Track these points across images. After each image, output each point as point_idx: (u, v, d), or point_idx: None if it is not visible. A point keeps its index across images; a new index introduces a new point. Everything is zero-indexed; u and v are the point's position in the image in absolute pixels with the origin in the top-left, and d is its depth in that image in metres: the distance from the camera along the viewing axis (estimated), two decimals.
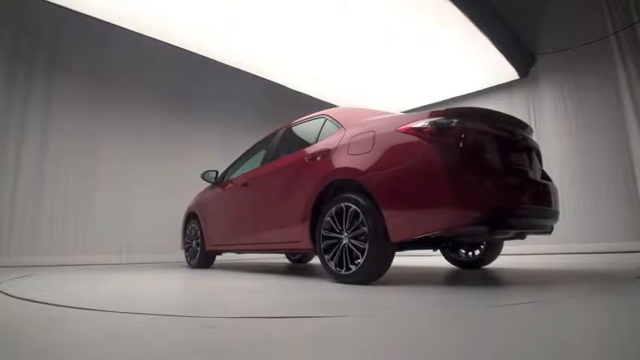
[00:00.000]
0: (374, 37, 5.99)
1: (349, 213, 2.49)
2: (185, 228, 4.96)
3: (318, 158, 2.88)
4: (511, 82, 7.11)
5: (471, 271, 3.34)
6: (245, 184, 3.81)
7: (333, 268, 2.57)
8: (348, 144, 2.71)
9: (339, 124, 2.97)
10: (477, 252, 3.47)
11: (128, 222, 5.69)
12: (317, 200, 2.77)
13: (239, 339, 1.12)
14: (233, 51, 6.48)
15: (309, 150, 3.05)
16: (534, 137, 2.95)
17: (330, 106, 6.65)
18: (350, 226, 2.48)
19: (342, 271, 2.50)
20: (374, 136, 2.55)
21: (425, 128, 2.29)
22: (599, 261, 4.14)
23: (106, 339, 1.16)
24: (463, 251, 3.58)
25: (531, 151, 2.67)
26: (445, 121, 2.29)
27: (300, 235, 2.90)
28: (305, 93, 7.97)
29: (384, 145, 2.46)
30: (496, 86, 7.34)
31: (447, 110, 2.37)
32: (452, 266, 3.70)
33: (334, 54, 6.53)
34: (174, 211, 6.17)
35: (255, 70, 7.15)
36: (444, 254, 3.72)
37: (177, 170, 6.33)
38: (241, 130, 7.00)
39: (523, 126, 2.74)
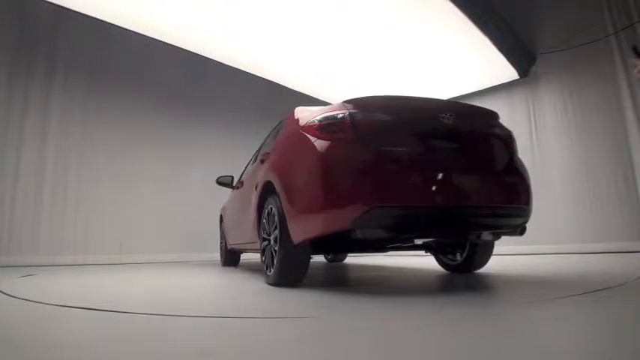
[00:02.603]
0: (374, 37, 5.99)
1: (272, 215, 2.49)
2: (220, 228, 5.20)
3: (264, 160, 2.93)
4: (511, 82, 7.11)
5: (458, 276, 2.97)
6: (237, 188, 4.05)
7: (265, 269, 2.60)
8: (277, 144, 2.74)
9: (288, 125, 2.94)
10: (461, 256, 3.07)
11: (128, 222, 5.69)
12: (260, 202, 2.79)
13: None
14: (233, 51, 6.48)
15: (263, 152, 3.13)
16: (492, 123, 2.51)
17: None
18: (273, 228, 2.48)
19: (268, 272, 2.53)
20: (289, 136, 2.53)
21: (314, 125, 2.21)
22: (599, 261, 4.14)
23: (104, 339, 1.16)
24: (458, 254, 3.16)
25: (472, 139, 2.31)
26: (331, 115, 2.17)
27: (255, 236, 2.94)
28: (305, 93, 7.97)
29: (291, 145, 2.44)
30: (496, 86, 7.34)
31: (346, 102, 2.20)
32: (442, 270, 3.36)
33: (334, 54, 6.53)
34: (175, 210, 6.18)
35: (255, 69, 7.14)
36: (435, 257, 3.42)
37: (177, 170, 6.34)
38: (241, 130, 7.00)
39: (466, 112, 2.41)
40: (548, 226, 6.28)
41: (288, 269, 2.36)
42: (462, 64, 6.70)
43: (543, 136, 6.66)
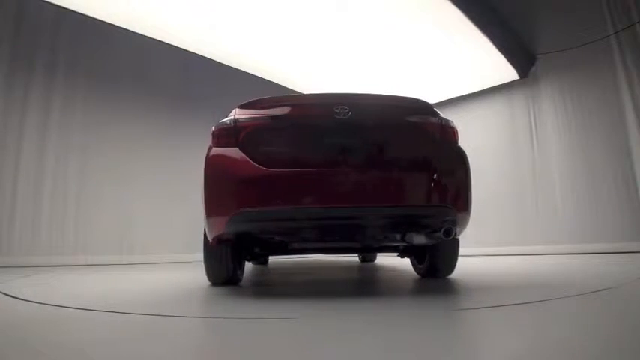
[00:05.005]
0: (374, 38, 5.99)
1: None
2: None
3: None
4: (511, 82, 7.09)
5: (424, 280, 2.78)
6: None
7: None
8: None
9: None
10: (420, 260, 2.89)
11: (128, 222, 5.68)
12: None
13: None
14: (233, 51, 6.48)
15: None
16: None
17: None
18: None
19: None
20: None
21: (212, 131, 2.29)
22: (599, 262, 4.14)
23: (104, 339, 1.17)
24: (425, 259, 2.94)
25: (371, 133, 2.15)
26: (221, 122, 2.23)
27: None
28: (305, 93, 7.98)
29: None
30: (496, 86, 7.32)
31: (240, 107, 2.26)
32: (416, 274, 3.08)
33: (334, 54, 6.53)
34: (176, 210, 6.17)
35: (255, 70, 7.15)
36: (411, 262, 3.15)
37: (177, 169, 6.33)
38: None
39: (372, 105, 2.26)
40: (548, 226, 6.28)
41: (211, 269, 2.47)
42: (462, 64, 6.70)
43: (543, 136, 6.65)
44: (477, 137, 7.22)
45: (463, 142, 2.33)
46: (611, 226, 5.64)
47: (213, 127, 2.27)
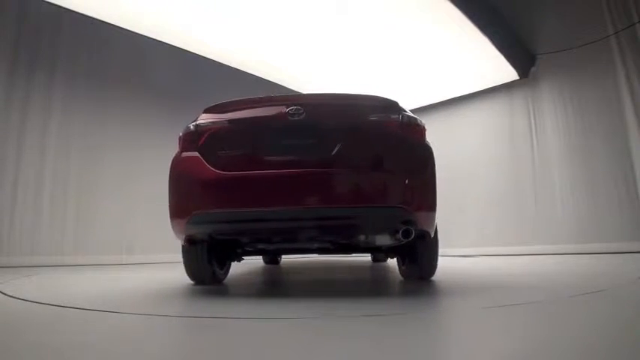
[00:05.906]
0: (374, 38, 5.99)
1: None
2: None
3: None
4: (511, 82, 7.10)
5: (407, 282, 2.69)
6: None
7: None
8: None
9: None
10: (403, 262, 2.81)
11: (128, 222, 5.68)
12: None
13: None
14: (234, 51, 6.49)
15: None
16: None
17: None
18: None
19: None
20: None
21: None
22: (598, 262, 4.14)
23: (104, 339, 1.17)
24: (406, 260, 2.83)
25: (326, 133, 2.09)
26: (186, 127, 2.29)
27: None
28: (304, 93, 7.98)
29: None
30: (496, 86, 7.33)
31: (205, 111, 2.31)
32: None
33: (334, 54, 6.53)
34: None
35: (255, 70, 7.15)
36: (397, 263, 3.02)
37: None
38: None
39: (329, 104, 2.25)
40: (547, 227, 6.28)
41: (189, 269, 2.51)
42: (462, 65, 6.70)
43: (543, 136, 6.66)
44: (477, 137, 7.23)
45: (463, 142, 2.30)
46: (611, 226, 5.64)
47: (181, 132, 2.31)
